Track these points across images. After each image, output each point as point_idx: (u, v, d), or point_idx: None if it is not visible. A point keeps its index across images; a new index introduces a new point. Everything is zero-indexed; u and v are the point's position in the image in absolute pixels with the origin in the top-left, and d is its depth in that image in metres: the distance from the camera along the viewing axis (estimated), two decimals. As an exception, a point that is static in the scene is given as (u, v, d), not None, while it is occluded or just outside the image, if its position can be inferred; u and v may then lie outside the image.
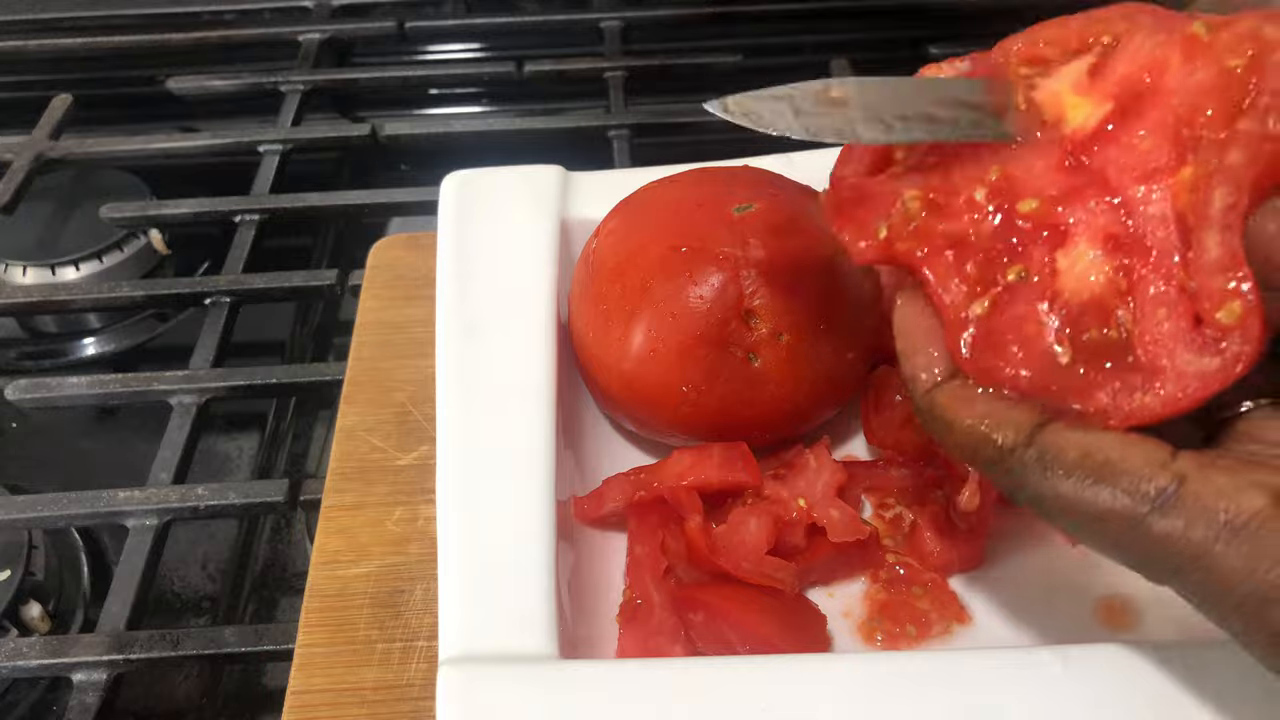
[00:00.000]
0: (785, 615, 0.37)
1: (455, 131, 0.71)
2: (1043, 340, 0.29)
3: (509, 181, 0.48)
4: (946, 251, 0.30)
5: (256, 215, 0.64)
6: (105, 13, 0.85)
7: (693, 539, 0.38)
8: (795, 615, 0.38)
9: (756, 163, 0.47)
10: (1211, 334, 0.27)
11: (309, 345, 0.66)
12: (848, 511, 0.39)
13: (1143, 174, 0.29)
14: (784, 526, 0.39)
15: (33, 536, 0.50)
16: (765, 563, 0.38)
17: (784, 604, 0.38)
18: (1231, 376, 0.26)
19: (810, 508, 0.39)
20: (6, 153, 0.69)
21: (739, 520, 0.39)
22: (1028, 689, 0.31)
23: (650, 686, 0.32)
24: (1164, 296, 0.28)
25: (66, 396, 0.53)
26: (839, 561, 0.40)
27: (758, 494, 0.40)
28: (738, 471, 0.40)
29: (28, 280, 0.65)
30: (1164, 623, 0.38)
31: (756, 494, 0.40)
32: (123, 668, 0.43)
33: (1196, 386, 0.27)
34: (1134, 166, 0.29)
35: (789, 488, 0.40)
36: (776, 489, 0.40)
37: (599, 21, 0.81)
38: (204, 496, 0.48)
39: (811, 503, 0.39)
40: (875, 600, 0.40)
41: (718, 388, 0.39)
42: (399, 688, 0.37)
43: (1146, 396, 0.27)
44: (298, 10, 0.84)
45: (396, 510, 0.43)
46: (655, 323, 0.39)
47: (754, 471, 0.40)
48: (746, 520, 0.39)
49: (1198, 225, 0.27)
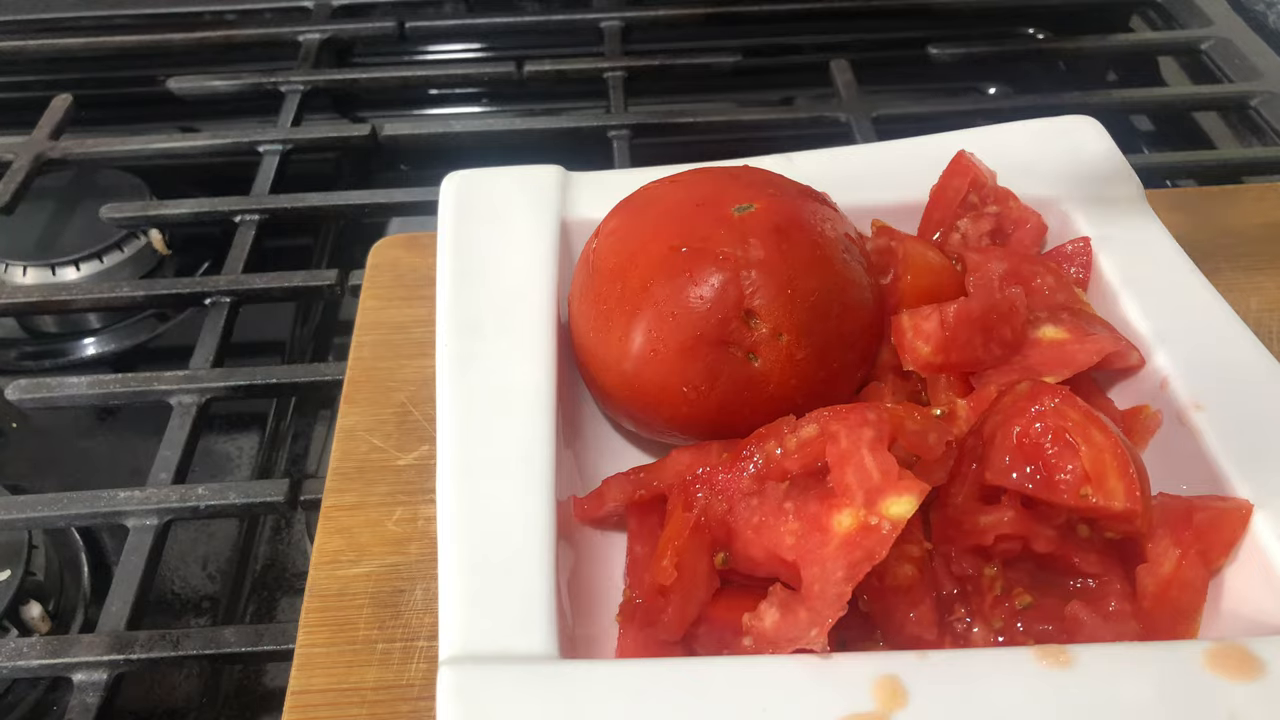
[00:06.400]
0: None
1: (455, 131, 0.71)
2: None
3: (509, 181, 0.48)
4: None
5: (256, 215, 0.64)
6: (105, 13, 0.85)
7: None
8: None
9: (756, 163, 0.48)
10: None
11: (309, 345, 0.66)
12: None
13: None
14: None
15: (33, 536, 0.50)
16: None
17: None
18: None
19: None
20: (6, 153, 0.69)
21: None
22: (1030, 688, 0.31)
23: (650, 686, 0.32)
24: None
25: (66, 396, 0.53)
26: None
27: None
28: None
29: (28, 280, 0.65)
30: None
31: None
32: (123, 668, 0.43)
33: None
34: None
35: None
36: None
37: (599, 21, 0.81)
38: (204, 496, 0.48)
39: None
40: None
41: (718, 388, 0.39)
42: (399, 688, 0.37)
43: None
44: (298, 10, 0.84)
45: (396, 510, 0.43)
46: (655, 323, 0.39)
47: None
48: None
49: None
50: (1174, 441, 0.39)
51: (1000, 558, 0.36)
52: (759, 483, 0.37)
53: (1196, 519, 0.35)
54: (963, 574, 0.36)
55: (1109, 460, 0.34)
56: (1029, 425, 0.35)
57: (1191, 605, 0.36)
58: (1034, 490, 0.35)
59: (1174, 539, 0.35)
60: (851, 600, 0.32)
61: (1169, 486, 0.37)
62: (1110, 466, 0.34)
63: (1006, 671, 0.32)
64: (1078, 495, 0.34)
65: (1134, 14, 0.87)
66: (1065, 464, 0.34)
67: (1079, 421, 0.34)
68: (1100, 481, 0.34)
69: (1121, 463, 0.34)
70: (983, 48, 0.77)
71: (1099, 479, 0.34)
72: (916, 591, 0.35)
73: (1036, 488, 0.35)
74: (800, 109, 0.75)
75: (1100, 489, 0.34)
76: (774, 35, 0.86)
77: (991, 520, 0.35)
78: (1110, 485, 0.34)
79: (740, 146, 0.50)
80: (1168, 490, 0.37)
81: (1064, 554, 0.35)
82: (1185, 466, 0.38)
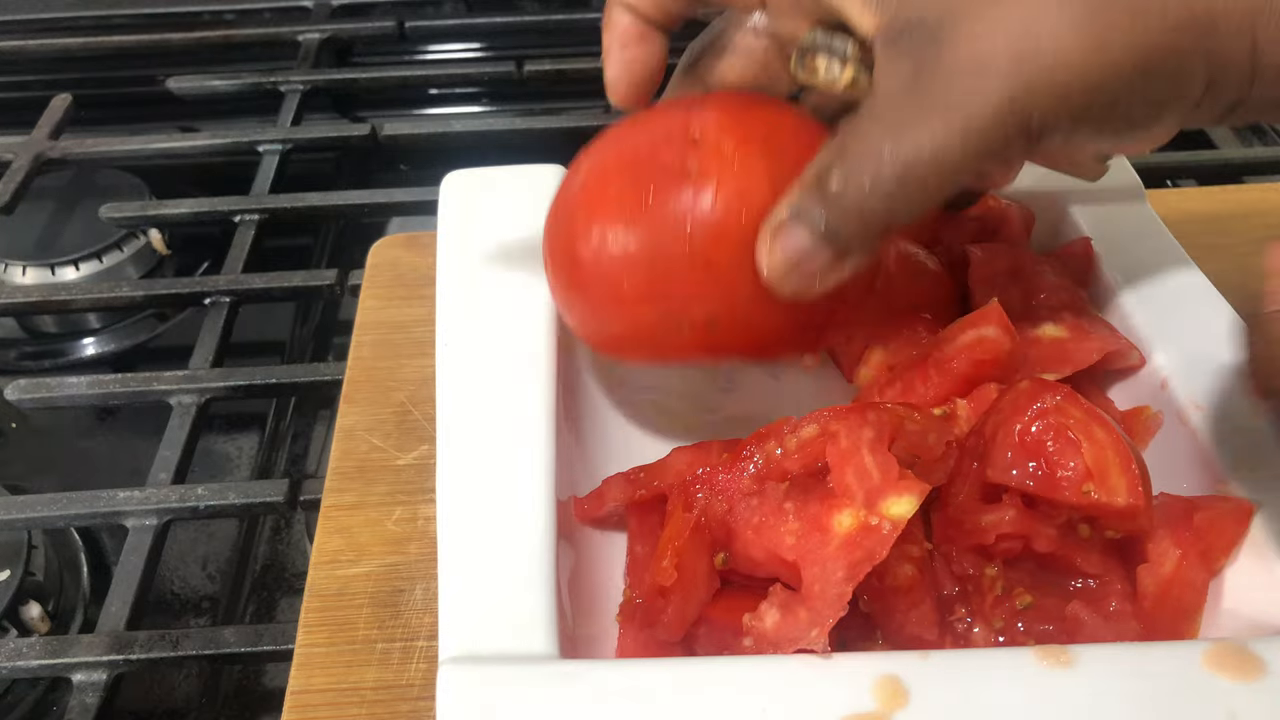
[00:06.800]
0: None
1: (455, 131, 0.71)
2: None
3: (509, 181, 0.48)
4: None
5: (256, 215, 0.64)
6: (105, 13, 0.85)
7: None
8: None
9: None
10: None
11: (309, 345, 0.66)
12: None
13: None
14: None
15: (32, 536, 0.50)
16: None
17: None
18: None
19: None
20: (6, 153, 0.69)
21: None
22: (1031, 688, 0.31)
23: (650, 686, 0.32)
24: None
25: (66, 396, 0.53)
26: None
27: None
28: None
29: (27, 280, 0.65)
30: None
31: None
32: (122, 668, 0.43)
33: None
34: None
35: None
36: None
37: (599, 21, 0.80)
38: (204, 496, 0.48)
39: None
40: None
41: (655, 203, 0.35)
42: (399, 688, 0.37)
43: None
44: (297, 10, 0.85)
45: (396, 510, 0.43)
46: (612, 209, 0.37)
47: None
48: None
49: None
50: (1174, 441, 0.39)
51: (1001, 557, 0.36)
52: (759, 483, 0.37)
53: (1197, 519, 0.35)
54: (963, 574, 0.36)
55: (1111, 457, 0.34)
56: (1030, 423, 0.35)
57: (1192, 605, 0.36)
58: (1036, 488, 0.35)
59: (1175, 539, 0.35)
60: (852, 600, 0.32)
61: (1169, 486, 0.37)
62: (1112, 463, 0.34)
63: (1007, 671, 0.32)
64: (1080, 492, 0.34)
65: (1134, 14, 0.87)
66: (1067, 461, 0.34)
67: (1081, 419, 0.34)
68: (1102, 478, 0.34)
69: (1124, 459, 0.34)
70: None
71: (1101, 475, 0.34)
72: (917, 592, 0.35)
73: (1038, 485, 0.35)
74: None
75: (1102, 485, 0.34)
76: (774, 35, 0.86)
77: (993, 519, 0.35)
78: (1112, 482, 0.34)
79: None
80: (1168, 490, 0.37)
81: (1065, 554, 0.35)
82: (1185, 466, 0.38)
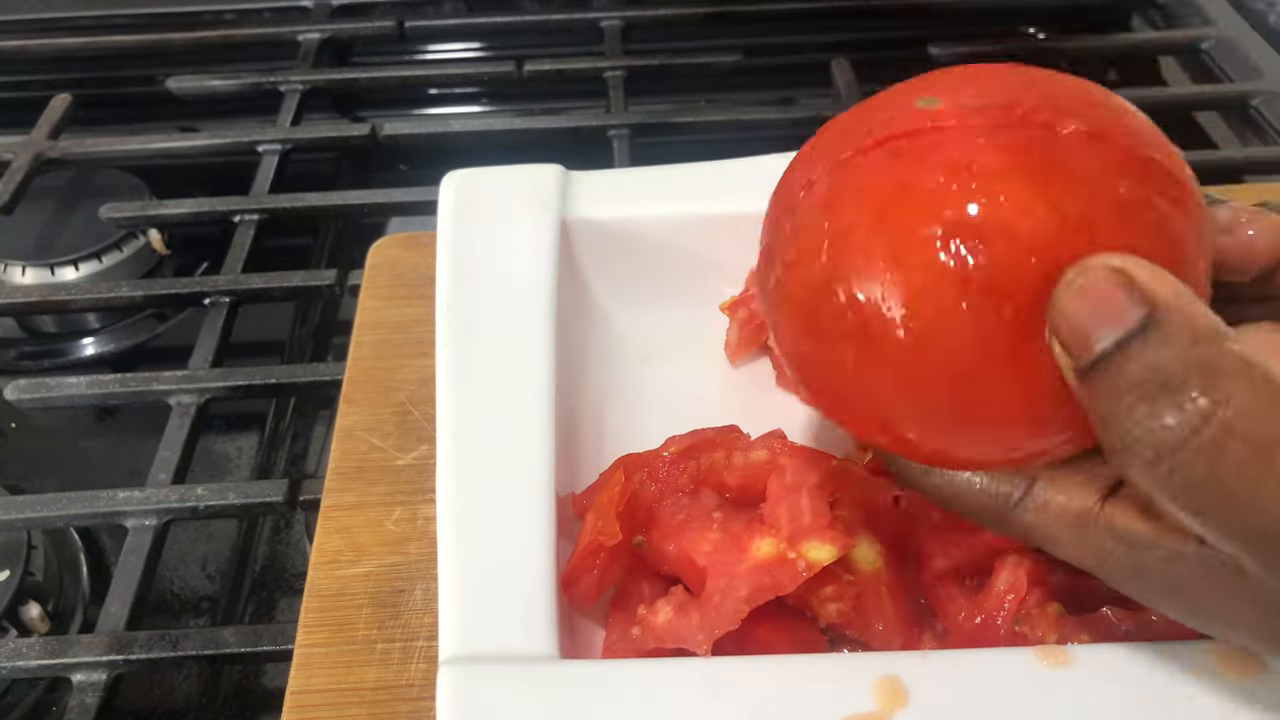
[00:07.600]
0: (787, 625, 0.37)
1: (455, 131, 0.71)
2: None
3: (509, 181, 0.48)
4: None
5: (256, 215, 0.64)
6: (105, 13, 0.85)
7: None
8: (797, 623, 0.38)
9: (756, 163, 0.47)
10: None
11: (308, 345, 0.66)
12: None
13: None
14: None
15: (32, 536, 0.50)
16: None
17: (784, 609, 0.37)
18: None
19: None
20: (6, 153, 0.69)
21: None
22: (1031, 688, 0.31)
23: (650, 686, 0.32)
24: None
25: (66, 396, 0.53)
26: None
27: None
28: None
29: (27, 280, 0.65)
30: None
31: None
32: (122, 668, 0.43)
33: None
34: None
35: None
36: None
37: (599, 21, 0.81)
38: (203, 497, 0.48)
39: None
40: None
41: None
42: (399, 688, 0.37)
43: None
44: (297, 10, 0.84)
45: (396, 510, 0.43)
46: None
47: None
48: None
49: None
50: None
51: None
52: (696, 483, 0.38)
53: None
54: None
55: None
56: None
57: None
58: None
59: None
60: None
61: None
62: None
63: (1007, 672, 0.32)
64: None
65: (1134, 13, 0.87)
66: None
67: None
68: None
69: None
70: (983, 47, 0.77)
71: None
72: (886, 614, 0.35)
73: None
74: (800, 109, 0.75)
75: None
76: (774, 35, 0.86)
77: (1008, 580, 0.35)
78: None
79: (740, 146, 0.50)
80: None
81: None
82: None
